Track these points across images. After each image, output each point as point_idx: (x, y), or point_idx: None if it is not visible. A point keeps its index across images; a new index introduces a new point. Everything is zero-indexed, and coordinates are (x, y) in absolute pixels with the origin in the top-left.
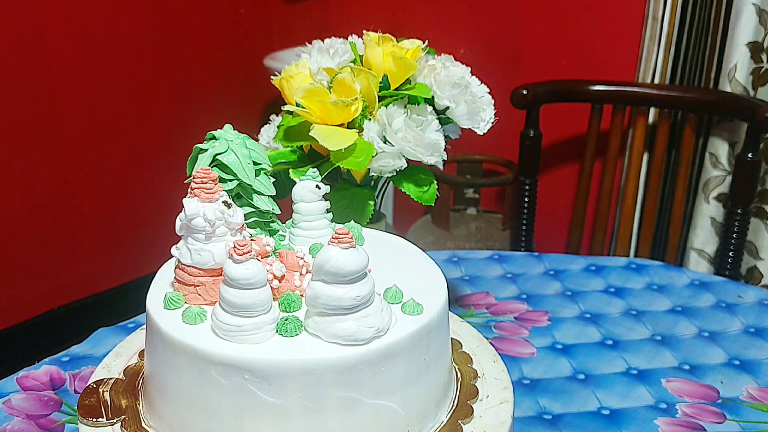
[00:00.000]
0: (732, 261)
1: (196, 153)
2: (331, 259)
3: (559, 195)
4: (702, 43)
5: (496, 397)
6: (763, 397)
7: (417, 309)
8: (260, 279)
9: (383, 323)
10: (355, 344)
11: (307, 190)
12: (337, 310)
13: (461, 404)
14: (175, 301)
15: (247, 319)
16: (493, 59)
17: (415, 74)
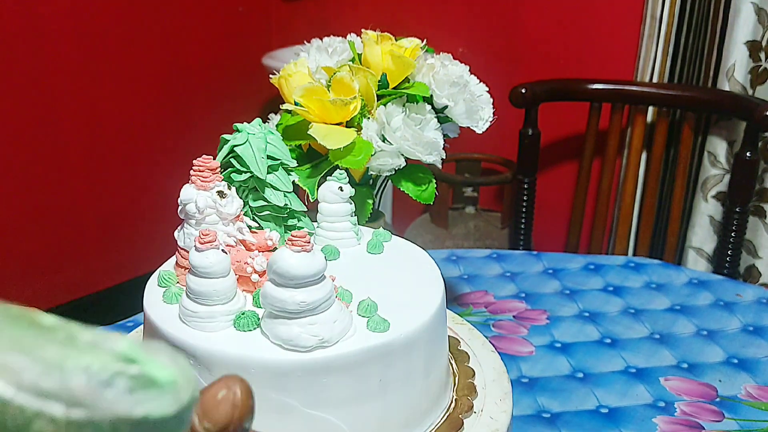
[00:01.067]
0: (730, 259)
1: (222, 143)
2: (279, 261)
3: (558, 194)
4: (700, 42)
5: (494, 396)
6: (761, 396)
7: (382, 326)
8: (219, 270)
9: (331, 334)
10: (295, 350)
11: (330, 191)
12: (282, 313)
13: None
14: (167, 279)
15: (202, 307)
16: (492, 58)
17: (414, 73)
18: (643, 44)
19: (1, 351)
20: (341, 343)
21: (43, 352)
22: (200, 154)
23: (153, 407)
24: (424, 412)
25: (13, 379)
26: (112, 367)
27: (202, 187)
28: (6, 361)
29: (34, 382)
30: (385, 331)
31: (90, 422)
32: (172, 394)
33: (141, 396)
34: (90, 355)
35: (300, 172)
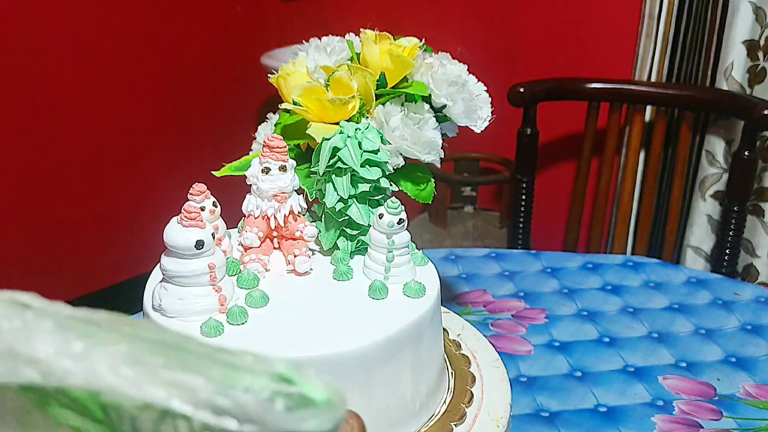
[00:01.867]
0: (728, 258)
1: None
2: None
3: (556, 193)
4: (699, 42)
5: (493, 395)
6: (759, 394)
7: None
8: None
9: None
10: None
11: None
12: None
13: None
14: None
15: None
16: (490, 57)
17: (412, 72)
18: (641, 43)
19: (173, 370)
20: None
21: (210, 372)
22: (199, 152)
23: (313, 425)
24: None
25: (190, 398)
26: (271, 386)
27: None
28: (182, 380)
29: (210, 399)
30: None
31: None
32: (329, 413)
33: (301, 414)
34: (251, 375)
35: (299, 172)
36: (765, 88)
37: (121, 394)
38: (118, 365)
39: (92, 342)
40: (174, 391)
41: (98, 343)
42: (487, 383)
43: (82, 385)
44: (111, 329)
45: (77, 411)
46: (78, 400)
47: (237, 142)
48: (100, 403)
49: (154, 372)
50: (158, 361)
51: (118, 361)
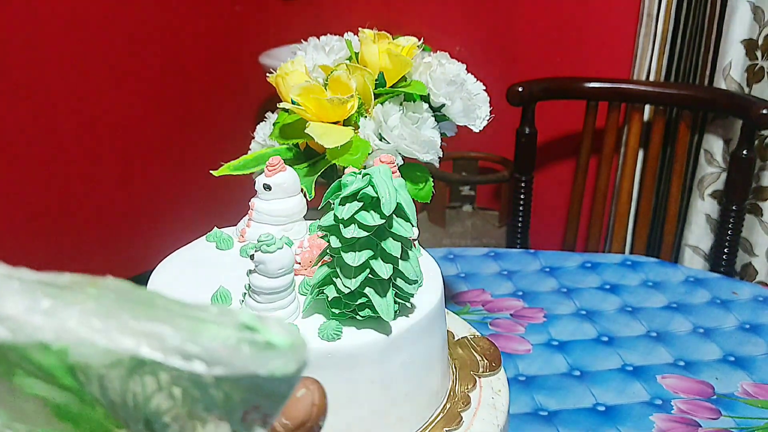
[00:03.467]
0: (727, 258)
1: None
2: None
3: (555, 192)
4: (697, 41)
5: (491, 394)
6: (758, 393)
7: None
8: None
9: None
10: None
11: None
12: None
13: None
14: None
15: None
16: (489, 56)
17: (411, 71)
18: (640, 43)
19: (141, 321)
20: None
21: (177, 323)
22: (197, 152)
23: (277, 366)
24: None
25: (159, 345)
26: (237, 335)
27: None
28: (151, 329)
29: (179, 346)
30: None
31: (228, 379)
32: (292, 356)
33: (266, 356)
34: (216, 326)
35: (297, 171)
36: (763, 87)
37: (91, 346)
38: (87, 319)
39: (60, 300)
40: (143, 339)
41: (66, 300)
42: (485, 383)
43: (52, 339)
44: (77, 289)
45: (44, 379)
46: (44, 368)
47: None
48: (67, 366)
49: (123, 323)
50: (126, 315)
51: (86, 316)
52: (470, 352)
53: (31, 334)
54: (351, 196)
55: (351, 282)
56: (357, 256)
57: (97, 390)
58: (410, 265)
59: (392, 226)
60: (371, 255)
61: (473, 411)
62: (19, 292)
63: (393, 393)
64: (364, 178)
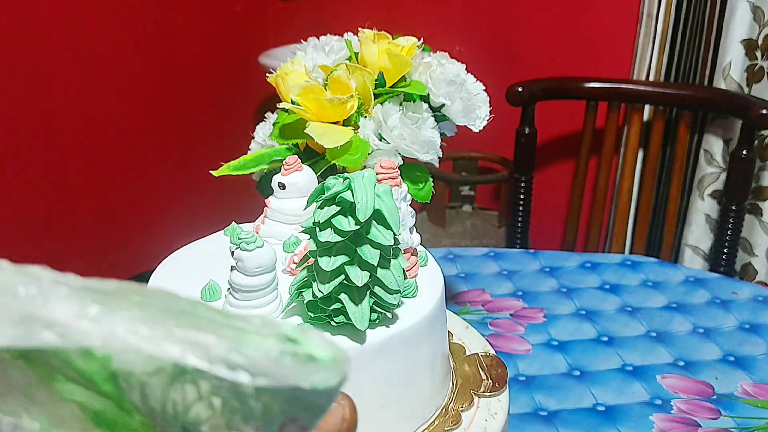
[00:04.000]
0: (726, 258)
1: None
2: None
3: (555, 192)
4: (697, 41)
5: (486, 416)
6: (757, 393)
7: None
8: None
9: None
10: None
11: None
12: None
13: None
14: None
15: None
16: (489, 56)
17: (411, 71)
18: (640, 43)
19: (187, 329)
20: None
21: (221, 332)
22: (197, 151)
23: (320, 379)
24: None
25: (204, 354)
26: (279, 347)
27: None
28: (196, 338)
29: (223, 355)
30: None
31: (269, 390)
32: (334, 369)
33: (309, 369)
34: (259, 336)
35: None
36: (763, 87)
37: (136, 353)
38: (134, 326)
39: (107, 306)
40: (188, 347)
41: (113, 307)
42: (483, 404)
43: (99, 345)
44: (122, 296)
45: (84, 385)
46: (85, 374)
47: (235, 141)
48: (109, 372)
49: (168, 331)
50: (171, 323)
51: (133, 323)
52: (476, 369)
53: (79, 340)
54: (330, 200)
55: (325, 287)
56: (332, 260)
57: (138, 397)
58: (391, 273)
59: (369, 233)
60: (347, 261)
61: (474, 412)
62: (68, 297)
63: (395, 391)
64: (344, 182)
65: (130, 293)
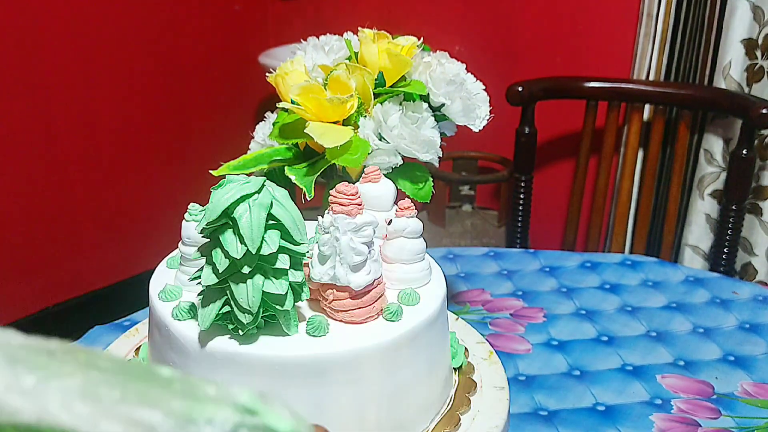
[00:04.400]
0: (726, 257)
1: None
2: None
3: (555, 192)
4: (697, 40)
5: (491, 394)
6: (757, 393)
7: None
8: None
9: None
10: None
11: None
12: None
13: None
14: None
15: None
16: (489, 56)
17: (411, 71)
18: (640, 42)
19: (132, 406)
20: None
21: (170, 405)
22: (197, 152)
23: None
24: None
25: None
26: (235, 418)
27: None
28: (140, 416)
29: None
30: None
31: None
32: None
33: None
34: (213, 406)
35: (297, 171)
36: (763, 87)
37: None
38: (71, 401)
39: (44, 374)
40: (131, 429)
41: (51, 375)
42: (482, 367)
43: (33, 422)
44: (65, 359)
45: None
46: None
47: (235, 141)
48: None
49: (109, 408)
50: (115, 395)
51: (71, 396)
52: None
53: (11, 414)
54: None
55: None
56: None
57: None
58: (245, 290)
59: (221, 237)
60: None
61: (474, 412)
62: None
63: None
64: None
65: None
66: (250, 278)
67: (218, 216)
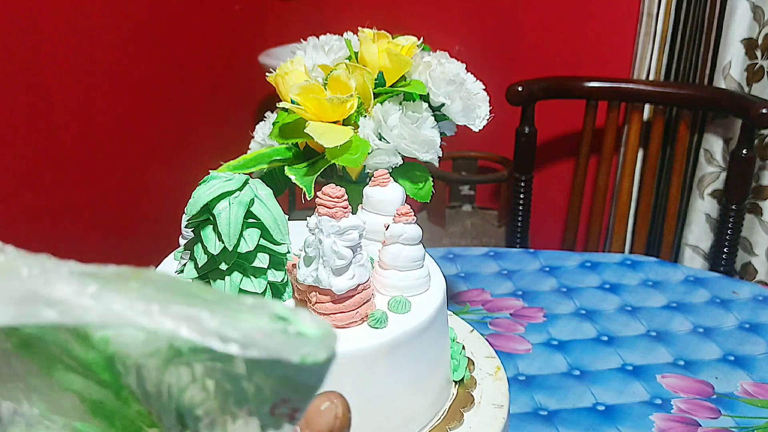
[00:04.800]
0: (726, 257)
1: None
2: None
3: (555, 192)
4: (697, 40)
5: (488, 411)
6: (757, 393)
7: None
8: None
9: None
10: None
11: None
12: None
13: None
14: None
15: None
16: (489, 56)
17: (411, 71)
18: (640, 42)
19: (180, 305)
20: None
21: (215, 309)
22: (196, 152)
23: (308, 353)
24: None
25: (197, 327)
26: (270, 325)
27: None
28: (190, 313)
29: (216, 329)
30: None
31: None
32: (322, 345)
33: (298, 343)
34: (252, 315)
35: (297, 171)
36: (763, 87)
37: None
38: (131, 302)
39: (105, 283)
40: (182, 321)
41: (111, 284)
42: (485, 382)
43: (98, 320)
44: (121, 279)
45: (82, 374)
46: (83, 362)
47: (235, 141)
48: (107, 357)
49: (164, 306)
50: (167, 300)
51: (130, 300)
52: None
53: (79, 316)
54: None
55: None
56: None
57: (135, 381)
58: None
59: (201, 232)
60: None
61: (474, 412)
62: (68, 277)
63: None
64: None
65: (129, 279)
66: (228, 275)
67: (199, 211)
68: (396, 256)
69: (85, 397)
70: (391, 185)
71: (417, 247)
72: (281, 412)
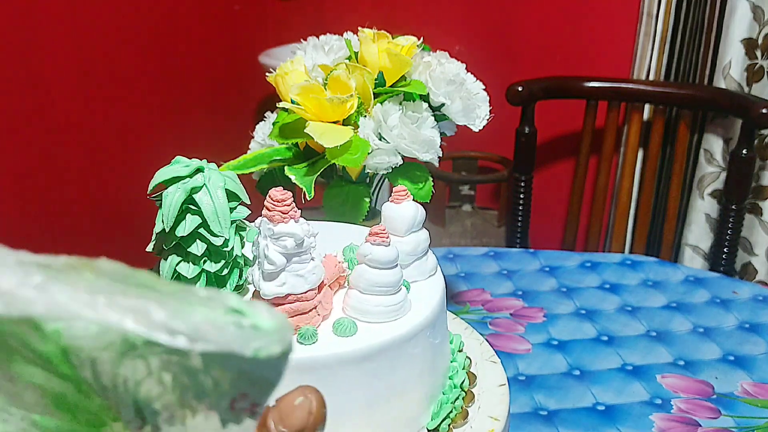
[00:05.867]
0: (726, 257)
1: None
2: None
3: (555, 192)
4: (697, 40)
5: (491, 393)
6: (757, 393)
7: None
8: None
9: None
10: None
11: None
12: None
13: None
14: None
15: None
16: (489, 56)
17: (411, 71)
18: (640, 42)
19: (129, 298)
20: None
21: (165, 302)
22: (196, 152)
23: (261, 346)
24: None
25: (144, 320)
26: (224, 317)
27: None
28: (136, 305)
29: (164, 322)
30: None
31: (215, 361)
32: (276, 338)
33: (249, 337)
34: (204, 307)
35: (297, 171)
36: (763, 87)
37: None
38: (76, 294)
39: (52, 274)
40: (129, 314)
41: (57, 275)
42: (485, 382)
43: (43, 313)
44: (72, 269)
45: (42, 366)
46: (42, 354)
47: (235, 141)
48: (61, 349)
49: (111, 299)
50: (117, 292)
51: (76, 290)
52: None
53: (23, 308)
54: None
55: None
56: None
57: (90, 374)
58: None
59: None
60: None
61: (474, 412)
62: (14, 267)
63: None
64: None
65: (82, 269)
66: (169, 255)
67: (152, 190)
68: (358, 277)
69: (47, 391)
70: (406, 203)
71: (385, 272)
72: (241, 407)
